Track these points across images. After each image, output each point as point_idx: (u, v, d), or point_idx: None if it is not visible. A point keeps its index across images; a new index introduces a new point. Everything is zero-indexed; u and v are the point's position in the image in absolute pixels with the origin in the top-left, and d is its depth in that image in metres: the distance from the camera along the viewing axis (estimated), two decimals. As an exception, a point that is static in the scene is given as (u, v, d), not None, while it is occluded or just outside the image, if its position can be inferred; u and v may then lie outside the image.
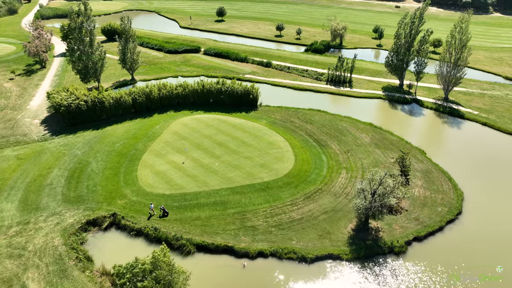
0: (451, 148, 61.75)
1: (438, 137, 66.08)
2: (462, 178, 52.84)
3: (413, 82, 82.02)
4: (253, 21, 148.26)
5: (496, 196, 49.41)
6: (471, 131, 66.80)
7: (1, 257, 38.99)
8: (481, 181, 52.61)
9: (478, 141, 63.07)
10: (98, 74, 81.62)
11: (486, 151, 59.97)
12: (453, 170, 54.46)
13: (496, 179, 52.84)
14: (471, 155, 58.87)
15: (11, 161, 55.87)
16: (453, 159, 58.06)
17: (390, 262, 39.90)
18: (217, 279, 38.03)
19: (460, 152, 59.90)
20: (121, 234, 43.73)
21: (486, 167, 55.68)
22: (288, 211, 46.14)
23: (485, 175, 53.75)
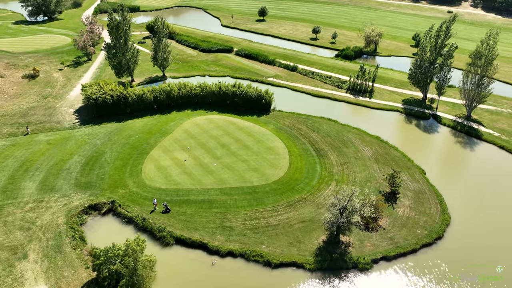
0: (456, 169, 59.99)
1: (445, 157, 64.05)
2: (457, 203, 51.61)
3: (441, 93, 79.20)
4: (293, 22, 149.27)
5: (487, 229, 47.70)
6: (484, 154, 63.86)
7: (14, 228, 46.21)
8: (476, 208, 50.97)
9: (488, 166, 60.35)
10: (131, 70, 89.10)
11: (493, 177, 57.40)
12: (449, 193, 53.28)
13: (494, 210, 50.78)
14: (474, 180, 56.89)
15: (42, 145, 64.17)
16: (454, 182, 56.63)
17: (351, 277, 41.13)
18: (186, 272, 41.95)
19: (464, 175, 58.11)
20: (115, 220, 49.30)
21: (487, 194, 53.59)
22: (267, 216, 48.74)
23: (482, 203, 51.89)
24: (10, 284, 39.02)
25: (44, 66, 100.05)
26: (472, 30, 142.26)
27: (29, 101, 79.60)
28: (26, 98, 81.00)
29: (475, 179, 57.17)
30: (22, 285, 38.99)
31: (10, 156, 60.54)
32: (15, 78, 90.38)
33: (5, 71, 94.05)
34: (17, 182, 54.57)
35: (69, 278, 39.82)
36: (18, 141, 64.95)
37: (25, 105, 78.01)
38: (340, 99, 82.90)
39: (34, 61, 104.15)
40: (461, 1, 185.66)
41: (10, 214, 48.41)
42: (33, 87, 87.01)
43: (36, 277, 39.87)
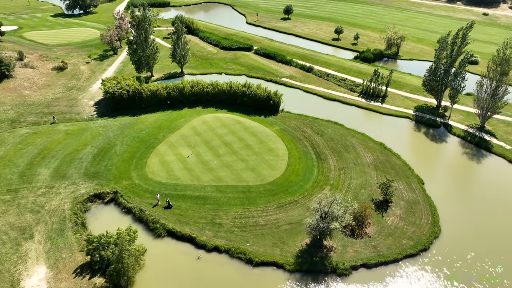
0: (457, 181, 58.84)
1: (448, 168, 62.62)
2: (451, 216, 51.07)
3: (454, 102, 77.15)
4: (318, 21, 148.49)
5: (476, 245, 47.04)
6: (491, 167, 62.10)
7: (26, 211, 50.82)
8: (470, 223, 50.16)
9: (492, 180, 58.71)
10: (150, 66, 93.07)
11: (495, 192, 55.91)
12: (445, 206, 52.75)
13: (489, 226, 49.77)
14: (474, 194, 55.79)
15: (60, 134, 69.12)
16: (452, 194, 55.80)
17: (328, 281, 42.23)
18: (173, 263, 44.64)
19: (464, 188, 57.04)
20: (116, 210, 52.88)
21: (485, 210, 52.47)
22: (256, 216, 50.55)
23: (479, 218, 50.95)
24: (15, 261, 43.35)
25: (73, 59, 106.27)
26: (507, 34, 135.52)
27: (55, 92, 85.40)
28: (53, 89, 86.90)
29: (476, 192, 56.02)
30: (25, 263, 43.23)
31: (31, 143, 65.83)
32: (46, 70, 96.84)
33: (37, 62, 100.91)
34: (34, 168, 59.52)
35: (66, 260, 43.64)
36: (40, 130, 70.31)
37: (51, 96, 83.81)
38: (351, 102, 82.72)
39: (65, 53, 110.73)
40: (500, 2, 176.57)
41: (23, 197, 53.17)
42: (60, 78, 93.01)
43: (38, 256, 44.01)
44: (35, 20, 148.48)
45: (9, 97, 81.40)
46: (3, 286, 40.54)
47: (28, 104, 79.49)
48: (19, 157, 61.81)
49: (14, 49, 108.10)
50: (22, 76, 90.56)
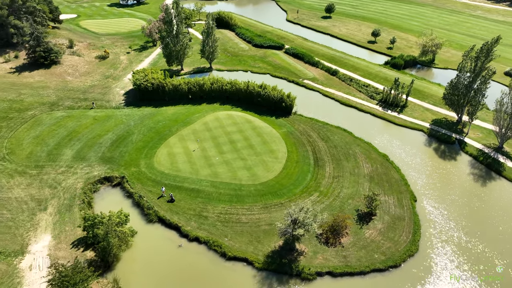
0: (452, 202, 57.17)
1: (447, 187, 60.52)
2: (435, 236, 50.79)
3: (472, 119, 74.01)
4: (360, 21, 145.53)
5: (454, 272, 46.79)
6: (495, 191, 59.61)
7: (45, 185, 58.69)
8: (454, 246, 49.62)
9: (491, 205, 56.67)
10: (180, 60, 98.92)
11: (491, 218, 54.18)
12: (432, 225, 52.45)
13: (476, 254, 48.95)
14: (467, 217, 54.39)
15: (89, 119, 77.12)
16: (442, 214, 54.83)
17: (291, 283, 44.69)
18: (156, 247, 49.56)
19: (458, 210, 55.64)
20: (121, 193, 59.08)
21: (475, 235, 51.37)
22: (241, 213, 53.95)
23: (465, 244, 50.16)
24: (28, 228, 50.96)
25: (116, 49, 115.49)
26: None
27: (93, 80, 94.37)
28: (92, 76, 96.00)
29: (468, 216, 54.56)
30: (35, 230, 50.70)
31: (63, 125, 74.41)
32: (90, 58, 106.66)
33: (84, 50, 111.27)
34: (60, 148, 67.70)
35: (68, 232, 50.43)
36: (73, 114, 78.93)
37: (89, 83, 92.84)
38: (367, 110, 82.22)
39: (111, 43, 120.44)
40: None
41: (46, 174, 61.23)
42: (101, 67, 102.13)
43: (47, 226, 51.30)
44: (93, 9, 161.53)
45: (54, 82, 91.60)
46: (14, 247, 48.17)
47: (68, 89, 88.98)
48: (51, 137, 70.47)
49: (67, 36, 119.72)
50: (68, 63, 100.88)
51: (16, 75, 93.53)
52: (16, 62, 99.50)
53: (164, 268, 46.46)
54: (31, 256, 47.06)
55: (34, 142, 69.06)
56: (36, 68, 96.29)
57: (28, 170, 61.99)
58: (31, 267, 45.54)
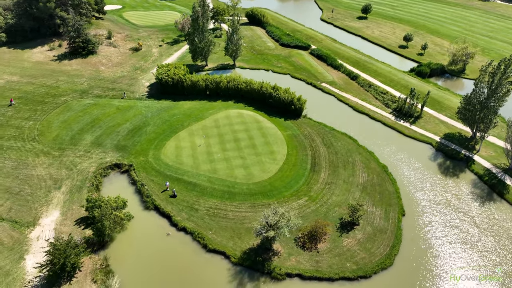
0: (442, 221, 56.49)
1: (440, 205, 59.46)
2: (414, 253, 51.14)
3: (484, 137, 71.42)
4: (396, 23, 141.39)
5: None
6: (490, 213, 57.78)
7: (63, 167, 65.80)
8: (430, 266, 49.80)
9: (481, 227, 55.42)
10: (205, 56, 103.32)
11: (479, 240, 53.22)
12: (414, 241, 52.71)
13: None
14: (453, 238, 53.81)
15: (112, 108, 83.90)
16: (429, 232, 54.57)
17: (260, 281, 47.56)
18: (148, 233, 54.43)
19: (446, 229, 55.06)
20: (126, 179, 64.76)
21: (457, 258, 51.04)
22: (229, 210, 57.41)
23: (446, 265, 50.11)
24: (42, 203, 58.04)
25: (150, 41, 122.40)
26: None
27: (123, 71, 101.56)
28: (122, 67, 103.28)
29: (455, 240, 53.90)
30: (48, 206, 57.65)
31: (88, 112, 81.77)
32: (124, 49, 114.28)
33: (121, 42, 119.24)
34: (82, 133, 74.86)
35: (74, 211, 56.82)
36: (99, 102, 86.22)
37: (119, 73, 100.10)
38: (378, 118, 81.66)
39: (147, 35, 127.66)
40: None
41: (66, 156, 68.43)
42: (132, 59, 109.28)
43: (57, 203, 58.08)
44: (137, 1, 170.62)
45: (88, 71, 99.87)
46: (28, 219, 55.35)
47: (99, 78, 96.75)
48: (76, 123, 77.96)
49: (108, 27, 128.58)
50: (104, 53, 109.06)
51: (57, 63, 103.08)
52: (59, 50, 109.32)
53: (151, 253, 51.24)
54: (40, 228, 53.93)
55: (61, 126, 76.87)
56: (75, 57, 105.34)
57: (52, 151, 69.60)
58: (38, 238, 52.33)
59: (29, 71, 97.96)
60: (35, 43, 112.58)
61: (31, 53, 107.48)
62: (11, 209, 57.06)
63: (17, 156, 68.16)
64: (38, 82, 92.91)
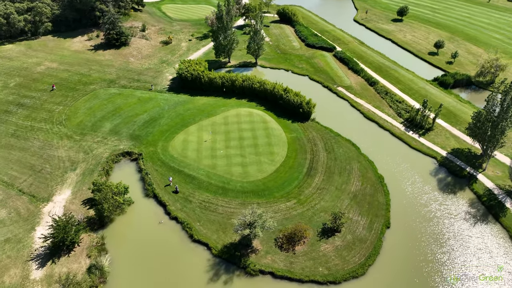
0: (425, 239, 56.45)
1: (429, 224, 58.75)
2: (389, 267, 52.12)
3: (489, 156, 69.22)
4: (432, 28, 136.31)
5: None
6: (480, 237, 56.85)
7: (82, 150, 72.79)
8: (402, 282, 50.66)
9: (466, 254, 54.86)
10: (227, 53, 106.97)
11: (460, 264, 52.96)
12: (391, 256, 53.55)
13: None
14: (432, 261, 53.91)
15: (134, 99, 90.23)
16: (410, 249, 54.98)
17: (234, 274, 51.04)
18: (145, 218, 59.63)
19: (425, 248, 55.13)
20: (134, 167, 70.48)
21: (430, 280, 51.40)
22: (219, 205, 61.17)
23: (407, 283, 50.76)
24: (58, 182, 65.20)
25: (181, 35, 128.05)
26: None
27: (150, 63, 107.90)
28: (150, 60, 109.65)
29: (433, 260, 53.90)
30: (62, 185, 64.69)
31: (112, 102, 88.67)
32: (155, 42, 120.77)
33: (153, 34, 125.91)
34: (103, 121, 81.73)
35: (83, 191, 63.33)
36: (123, 92, 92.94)
37: (146, 66, 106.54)
38: (386, 127, 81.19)
39: (179, 29, 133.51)
40: None
41: (86, 141, 75.46)
42: (161, 52, 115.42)
43: (70, 184, 64.96)
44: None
45: (119, 61, 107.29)
46: (44, 195, 62.64)
47: (127, 69, 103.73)
48: (99, 110, 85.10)
49: (145, 20, 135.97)
50: (135, 45, 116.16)
51: (92, 52, 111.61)
52: (96, 40, 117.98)
53: (143, 237, 56.39)
54: (52, 204, 60.96)
55: (86, 112, 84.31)
56: (109, 48, 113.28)
57: (74, 135, 77.00)
58: (49, 213, 59.28)
59: (67, 59, 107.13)
60: (77, 33, 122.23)
61: (72, 42, 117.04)
62: (31, 185, 64.74)
63: (44, 137, 76.27)
64: (73, 70, 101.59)
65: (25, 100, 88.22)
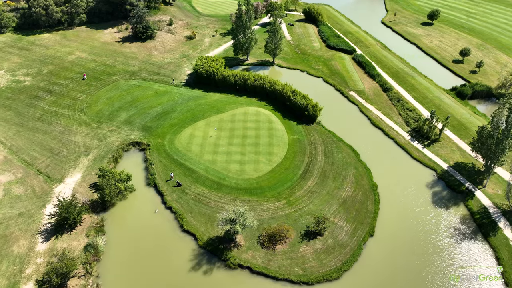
0: (406, 252, 56.96)
1: (414, 237, 59.06)
2: (365, 275, 53.53)
3: (490, 173, 67.63)
4: (463, 34, 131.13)
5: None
6: (462, 258, 56.57)
7: (96, 137, 78.78)
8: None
9: (443, 272, 54.97)
10: (246, 51, 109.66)
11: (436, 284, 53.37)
12: (369, 264, 54.85)
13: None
14: (407, 278, 54.59)
15: (151, 92, 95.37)
16: (388, 260, 55.91)
17: (215, 266, 54.53)
18: (143, 205, 64.43)
19: (403, 266, 55.75)
20: (141, 157, 75.46)
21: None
22: (212, 199, 64.70)
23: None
24: (71, 165, 71.44)
25: (206, 30, 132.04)
26: None
27: (172, 57, 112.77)
28: (172, 54, 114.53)
29: (419, 270, 54.51)
30: (74, 168, 70.84)
31: (130, 93, 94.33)
32: (180, 37, 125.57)
33: (179, 29, 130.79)
34: (120, 111, 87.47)
35: (91, 176, 69.11)
36: (142, 85, 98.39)
37: (167, 59, 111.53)
38: (391, 135, 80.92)
39: (205, 24, 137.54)
40: None
41: (101, 129, 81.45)
42: (184, 46, 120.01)
43: (82, 167, 70.98)
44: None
45: (143, 54, 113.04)
46: (57, 176, 69.05)
47: (149, 62, 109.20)
48: (118, 101, 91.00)
49: (173, 14, 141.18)
50: (160, 39, 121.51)
51: (119, 44, 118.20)
52: (124, 33, 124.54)
53: (138, 223, 61.23)
54: (63, 185, 67.20)
55: (106, 102, 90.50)
56: (135, 41, 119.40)
57: (92, 123, 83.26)
58: (59, 193, 65.48)
59: (96, 50, 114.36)
60: (108, 25, 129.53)
61: (102, 33, 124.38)
62: (48, 166, 71.43)
63: (65, 123, 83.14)
64: (100, 60, 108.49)
65: (54, 87, 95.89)
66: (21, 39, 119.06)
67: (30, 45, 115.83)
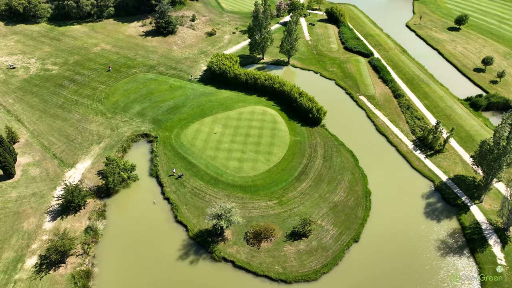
0: (387, 264, 57.88)
1: (399, 247, 59.56)
2: (344, 279, 55.12)
3: (487, 189, 66.59)
4: (491, 41, 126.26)
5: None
6: (444, 273, 56.68)
7: (109, 127, 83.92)
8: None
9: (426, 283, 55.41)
10: (262, 50, 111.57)
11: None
12: (350, 269, 56.36)
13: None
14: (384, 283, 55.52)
15: (166, 86, 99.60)
16: (370, 268, 57.04)
17: (201, 258, 57.88)
18: (144, 195, 68.76)
19: (381, 275, 56.67)
20: (148, 148, 79.79)
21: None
22: (207, 194, 67.93)
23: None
24: (84, 152, 76.90)
25: (227, 27, 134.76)
26: None
27: (190, 53, 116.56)
28: (190, 50, 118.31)
29: (398, 281, 55.39)
30: (86, 155, 76.24)
31: (146, 86, 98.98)
32: (200, 33, 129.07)
33: (202, 25, 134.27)
34: (135, 103, 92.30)
35: (100, 164, 74.14)
36: (158, 78, 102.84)
37: (186, 55, 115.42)
38: (394, 143, 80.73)
39: (228, 20, 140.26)
40: None
41: (115, 119, 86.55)
42: (203, 42, 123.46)
43: (93, 155, 76.27)
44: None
45: (163, 49, 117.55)
46: (70, 161, 74.69)
47: (168, 57, 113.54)
48: (134, 93, 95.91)
49: (197, 10, 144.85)
50: (181, 35, 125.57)
51: (142, 38, 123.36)
52: (148, 27, 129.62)
53: (136, 211, 65.67)
54: (74, 170, 72.71)
55: (122, 93, 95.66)
56: (157, 35, 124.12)
57: (107, 113, 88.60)
58: (70, 177, 70.97)
59: (120, 42, 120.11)
60: (133, 18, 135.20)
61: (128, 27, 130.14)
62: (63, 151, 77.28)
63: (83, 111, 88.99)
64: (122, 53, 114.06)
65: (77, 76, 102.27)
66: (53, 30, 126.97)
67: (61, 35, 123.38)
